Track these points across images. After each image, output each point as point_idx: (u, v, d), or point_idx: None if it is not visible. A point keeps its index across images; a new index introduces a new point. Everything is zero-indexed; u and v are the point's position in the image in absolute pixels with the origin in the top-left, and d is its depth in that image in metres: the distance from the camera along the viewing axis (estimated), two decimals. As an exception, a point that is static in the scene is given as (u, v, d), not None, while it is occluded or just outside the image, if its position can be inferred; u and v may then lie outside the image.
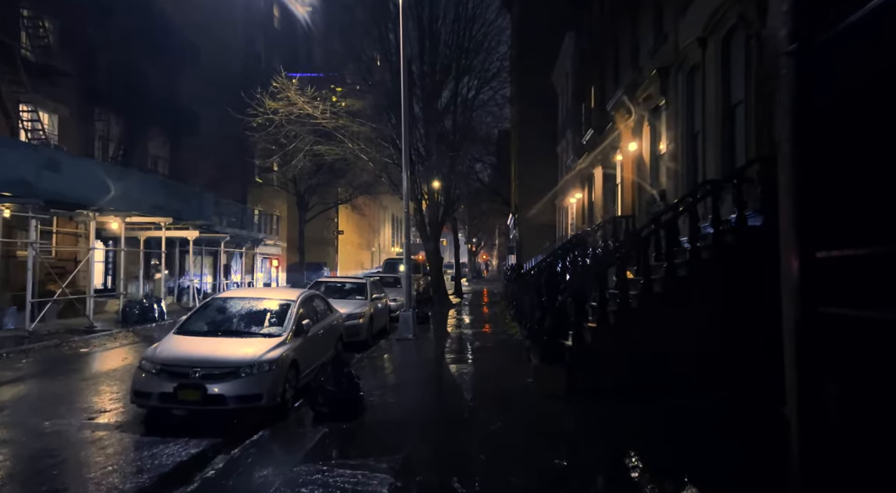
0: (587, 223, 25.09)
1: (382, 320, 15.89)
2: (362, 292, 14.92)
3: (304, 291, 10.09)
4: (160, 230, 21.95)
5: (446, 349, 12.50)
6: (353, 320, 13.46)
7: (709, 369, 7.78)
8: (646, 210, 16.28)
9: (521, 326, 14.95)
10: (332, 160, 23.96)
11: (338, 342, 10.76)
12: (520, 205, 39.05)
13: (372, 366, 10.99)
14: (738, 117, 11.00)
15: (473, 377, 9.43)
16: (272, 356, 7.83)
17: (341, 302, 14.16)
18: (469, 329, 16.19)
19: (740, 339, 7.84)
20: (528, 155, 37.66)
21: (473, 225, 62.58)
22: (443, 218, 25.71)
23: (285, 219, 44.54)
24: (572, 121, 29.84)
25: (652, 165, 16.41)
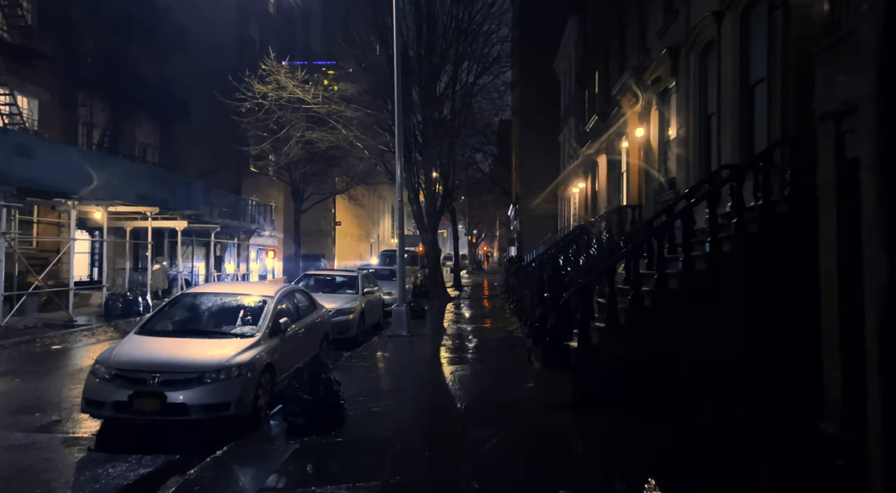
0: (590, 214, 24.21)
1: (375, 315, 15.07)
2: (353, 286, 14.08)
3: (284, 285, 9.25)
4: (146, 220, 21.08)
5: (441, 348, 11.67)
6: (342, 316, 12.64)
7: (732, 374, 6.94)
8: (654, 199, 15.40)
9: (522, 322, 14.11)
10: (326, 148, 23.03)
11: (323, 341, 9.92)
12: (521, 195, 38.14)
13: (359, 367, 10.16)
14: (758, 97, 10.10)
15: (469, 382, 8.59)
16: (243, 359, 7.00)
17: (330, 296, 13.35)
18: (467, 325, 15.36)
19: (768, 340, 6.98)
20: (529, 144, 36.71)
21: (474, 216, 61.71)
22: (441, 208, 24.81)
23: (281, 209, 43.67)
24: (575, 108, 28.88)
25: (660, 151, 15.51)
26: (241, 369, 6.90)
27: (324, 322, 10.18)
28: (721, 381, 6.94)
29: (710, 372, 7.00)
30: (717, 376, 6.98)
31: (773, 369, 6.84)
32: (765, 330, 7.06)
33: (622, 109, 18.63)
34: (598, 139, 22.37)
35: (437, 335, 13.57)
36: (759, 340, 7.03)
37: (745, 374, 6.96)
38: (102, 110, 23.81)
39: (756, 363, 6.98)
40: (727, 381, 6.94)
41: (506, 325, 14.93)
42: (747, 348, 7.07)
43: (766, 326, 7.06)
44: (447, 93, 23.85)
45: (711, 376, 6.98)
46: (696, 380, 6.99)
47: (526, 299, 13.51)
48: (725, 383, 6.92)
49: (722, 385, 6.90)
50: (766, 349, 6.99)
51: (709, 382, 6.94)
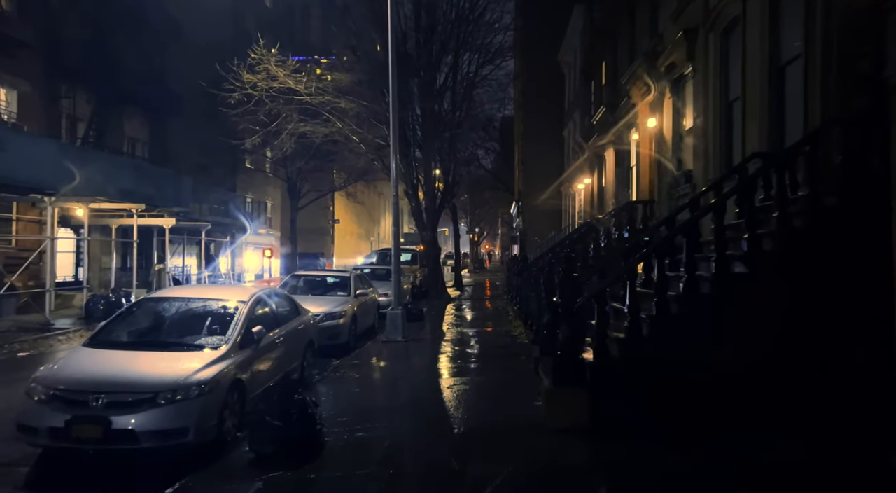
0: (597, 210, 23.18)
1: (369, 319, 14.06)
2: (345, 288, 13.07)
3: (261, 289, 8.25)
4: (132, 218, 20.10)
5: (439, 356, 10.66)
6: (332, 320, 11.64)
7: (775, 394, 5.93)
8: (668, 194, 14.37)
9: (526, 326, 13.11)
10: (322, 143, 22.05)
11: (307, 350, 8.93)
12: (524, 192, 37.11)
13: (347, 378, 9.16)
14: (792, 77, 9.07)
15: (469, 399, 7.58)
16: (205, 376, 6.01)
17: (320, 299, 12.37)
18: (467, 329, 14.35)
19: (819, 354, 5.96)
20: (532, 139, 35.67)
21: (476, 214, 60.69)
22: (441, 205, 23.82)
23: (279, 207, 42.75)
24: (581, 101, 27.83)
25: (674, 143, 14.47)
26: (203, 387, 5.91)
27: (308, 329, 9.18)
28: (762, 402, 5.93)
29: (749, 391, 6.00)
30: (756, 395, 5.97)
31: (826, 390, 5.83)
32: (814, 343, 6.04)
33: (632, 100, 17.59)
34: (605, 132, 21.32)
35: (435, 341, 12.57)
36: (808, 354, 6.01)
37: (791, 394, 5.95)
38: (88, 103, 22.82)
39: (804, 382, 5.96)
40: (769, 402, 5.93)
41: (509, 329, 13.93)
42: (793, 363, 6.06)
43: (816, 337, 6.04)
44: (447, 84, 22.86)
45: (750, 395, 5.98)
46: (734, 400, 5.98)
47: (531, 301, 12.50)
48: (767, 405, 5.91)
49: (763, 407, 5.89)
50: (816, 365, 5.98)
51: (747, 402, 5.93)
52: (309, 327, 9.26)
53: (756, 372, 6.07)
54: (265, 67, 17.78)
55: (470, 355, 10.77)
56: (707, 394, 6.05)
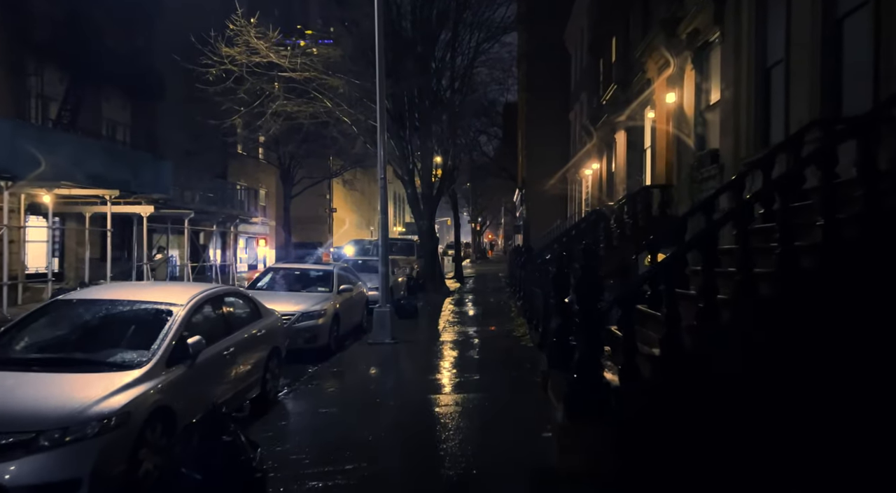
0: (607, 197, 21.64)
1: (355, 316, 12.61)
2: (327, 283, 11.60)
3: (209, 288, 6.76)
4: (105, 205, 18.64)
5: (431, 364, 9.18)
6: (310, 321, 10.19)
7: (863, 434, 4.45)
8: (689, 177, 12.83)
9: (531, 325, 11.63)
10: (314, 126, 20.48)
11: (270, 360, 7.46)
12: (527, 179, 35.54)
13: (319, 394, 7.72)
14: (853, 33, 7.52)
15: (463, 428, 6.09)
16: (111, 407, 4.56)
17: (297, 296, 10.92)
18: (465, 328, 12.88)
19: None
20: (536, 123, 34.04)
21: (478, 203, 59.12)
22: (439, 192, 22.30)
23: (273, 195, 41.21)
24: (588, 81, 26.19)
25: (697, 120, 12.91)
26: (107, 421, 4.47)
27: (272, 334, 7.70)
28: (846, 444, 4.45)
29: (828, 428, 4.52)
30: (837, 434, 4.49)
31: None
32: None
33: (647, 75, 16.01)
34: (616, 113, 19.73)
35: (428, 344, 11.11)
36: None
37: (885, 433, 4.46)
38: (60, 82, 21.28)
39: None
40: (855, 444, 4.45)
41: (512, 328, 12.45)
42: (886, 389, 4.56)
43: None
44: (446, 62, 21.26)
45: (829, 434, 4.50)
46: (805, 439, 4.50)
47: (536, 298, 11.01)
48: (852, 448, 4.43)
49: (847, 451, 4.41)
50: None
51: (825, 444, 4.46)
52: (274, 331, 7.79)
53: (835, 403, 4.59)
54: (245, 39, 16.20)
55: (467, 362, 9.30)
56: (770, 430, 4.57)
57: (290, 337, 9.98)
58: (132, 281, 17.94)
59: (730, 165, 10.89)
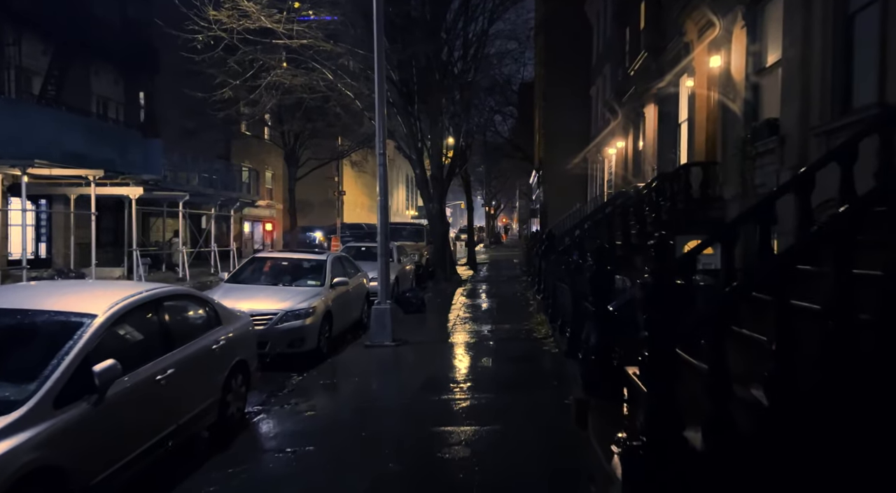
0: (634, 177, 19.85)
1: (353, 313, 11.06)
2: (318, 275, 10.03)
3: (141, 291, 5.18)
4: (89, 187, 17.19)
5: (435, 378, 7.58)
6: (294, 321, 8.65)
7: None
8: (740, 152, 11.01)
9: (553, 324, 10.00)
10: (314, 102, 18.84)
11: (233, 378, 5.94)
12: (545, 160, 33.69)
13: (293, 419, 6.18)
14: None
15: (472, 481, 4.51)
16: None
17: (282, 291, 9.39)
18: (478, 326, 11.28)
19: None
20: (555, 100, 32.09)
21: (492, 185, 57.28)
22: (450, 173, 20.62)
23: (280, 178, 39.77)
24: (612, 52, 24.23)
25: (748, 86, 11.09)
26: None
27: (236, 344, 6.15)
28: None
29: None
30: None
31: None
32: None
33: (685, 38, 14.14)
34: (646, 84, 17.87)
35: (434, 347, 9.53)
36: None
37: None
38: (44, 54, 19.82)
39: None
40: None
41: (532, 327, 10.83)
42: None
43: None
44: (457, 29, 19.45)
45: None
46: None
47: (561, 294, 9.37)
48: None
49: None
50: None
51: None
52: (239, 340, 6.25)
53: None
54: (232, 2, 14.52)
55: (480, 374, 7.68)
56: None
57: (273, 340, 8.52)
58: (56, 281, 16.55)
59: (795, 136, 9.13)
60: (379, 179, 9.83)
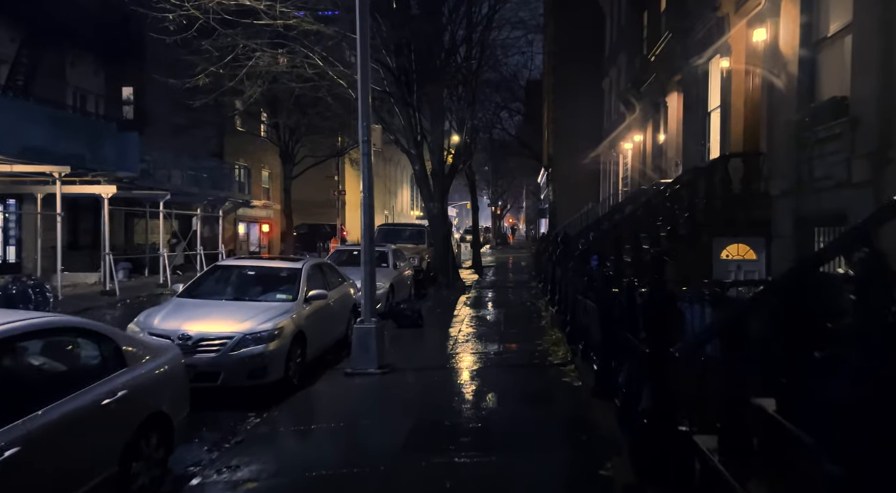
0: (655, 173, 18.11)
1: (335, 330, 9.40)
2: (290, 286, 8.35)
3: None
4: (55, 185, 15.61)
5: (426, 425, 5.89)
6: (256, 346, 7.00)
7: None
8: (795, 140, 9.27)
9: (576, 350, 8.28)
10: (302, 90, 17.17)
11: (141, 441, 4.29)
12: (554, 157, 31.95)
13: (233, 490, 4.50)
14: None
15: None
16: None
17: (244, 308, 7.73)
18: (483, 347, 9.57)
19: None
20: (564, 94, 30.35)
21: (498, 185, 55.55)
22: (452, 169, 18.95)
23: (278, 177, 38.22)
24: (628, 40, 22.48)
25: (802, 61, 9.35)
26: None
27: (148, 393, 4.50)
28: None
29: None
30: None
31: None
32: None
33: (720, 11, 12.39)
34: (669, 69, 16.13)
35: (428, 377, 7.84)
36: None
37: None
38: (12, 41, 18.27)
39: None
40: None
41: (546, 348, 9.12)
42: None
43: None
44: (460, 12, 17.78)
45: None
46: None
47: (583, 312, 7.65)
48: None
49: None
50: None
51: None
52: (156, 384, 4.60)
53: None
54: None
55: (482, 424, 5.93)
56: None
57: (227, 371, 6.87)
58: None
59: (871, 116, 7.41)
60: (363, 171, 8.16)
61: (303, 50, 14.70)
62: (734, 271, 10.46)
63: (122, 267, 20.54)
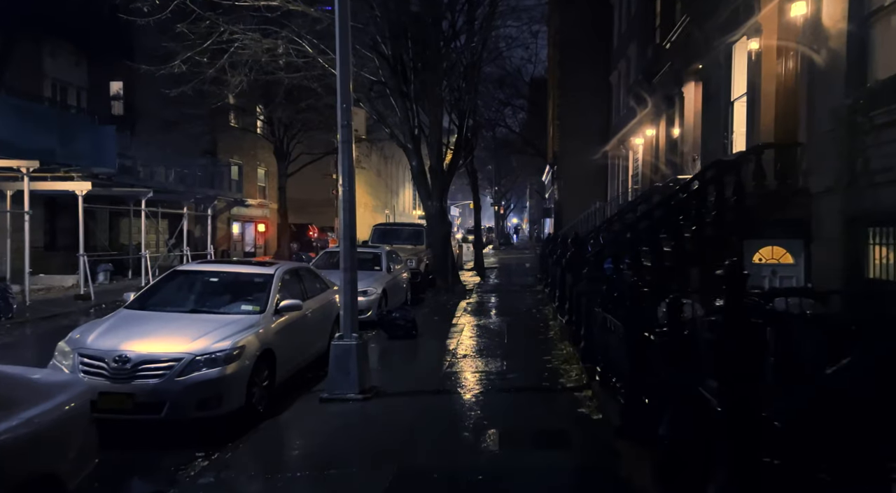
0: (669, 169, 16.90)
1: (313, 345, 8.19)
2: (258, 296, 7.15)
3: None
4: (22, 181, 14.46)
5: (412, 471, 4.69)
6: (209, 370, 5.82)
7: None
8: (845, 125, 8.03)
9: (592, 372, 7.06)
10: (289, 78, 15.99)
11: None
12: (560, 154, 30.72)
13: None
14: None
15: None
16: None
17: (198, 323, 6.55)
18: (483, 364, 8.36)
19: None
20: (571, 89, 29.13)
21: (501, 184, 54.35)
22: (452, 165, 17.76)
23: (274, 175, 37.14)
24: (638, 30, 21.28)
25: (853, 38, 8.11)
26: None
27: (27, 449, 3.29)
28: None
29: None
30: None
31: None
32: None
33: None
34: (686, 56, 14.91)
35: (416, 405, 6.64)
36: None
37: None
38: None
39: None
40: None
41: (557, 366, 7.91)
42: None
43: None
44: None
45: None
46: None
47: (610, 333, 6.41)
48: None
49: None
50: None
51: None
52: (37, 439, 3.40)
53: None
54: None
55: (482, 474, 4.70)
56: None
57: (173, 401, 5.70)
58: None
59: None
60: (341, 161, 6.95)
61: (289, 35, 13.51)
62: (768, 276, 9.26)
63: (103, 269, 19.42)
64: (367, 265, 13.00)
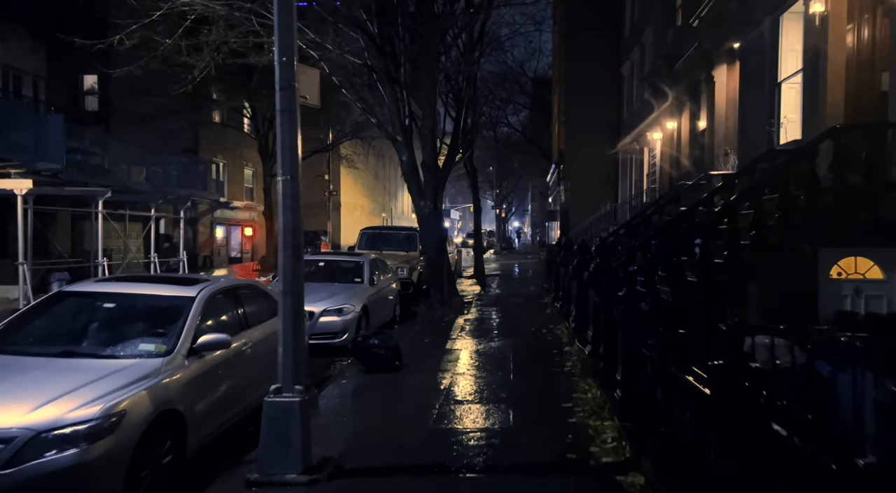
0: (694, 166, 14.86)
1: (246, 397, 6.09)
2: (165, 331, 5.08)
3: None
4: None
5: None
6: (60, 453, 3.78)
7: None
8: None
9: (637, 432, 5.01)
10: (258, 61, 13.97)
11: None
12: (566, 153, 28.70)
13: None
14: None
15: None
16: None
17: (68, 372, 4.47)
18: (484, 415, 6.30)
19: None
20: (578, 82, 27.11)
21: (503, 186, 52.32)
22: (448, 161, 15.73)
23: (261, 176, 35.16)
24: (655, 13, 19.26)
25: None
26: None
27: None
28: None
29: None
30: None
31: None
32: None
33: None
34: (717, 35, 12.86)
35: (388, 488, 4.58)
36: None
37: None
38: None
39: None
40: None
41: (583, 422, 5.85)
42: None
43: None
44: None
45: None
46: None
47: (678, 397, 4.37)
48: None
49: None
50: None
51: None
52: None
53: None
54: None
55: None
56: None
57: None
58: None
59: None
60: (280, 136, 4.91)
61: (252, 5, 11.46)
62: (850, 295, 7.21)
63: (58, 278, 17.31)
64: (346, 277, 10.99)
